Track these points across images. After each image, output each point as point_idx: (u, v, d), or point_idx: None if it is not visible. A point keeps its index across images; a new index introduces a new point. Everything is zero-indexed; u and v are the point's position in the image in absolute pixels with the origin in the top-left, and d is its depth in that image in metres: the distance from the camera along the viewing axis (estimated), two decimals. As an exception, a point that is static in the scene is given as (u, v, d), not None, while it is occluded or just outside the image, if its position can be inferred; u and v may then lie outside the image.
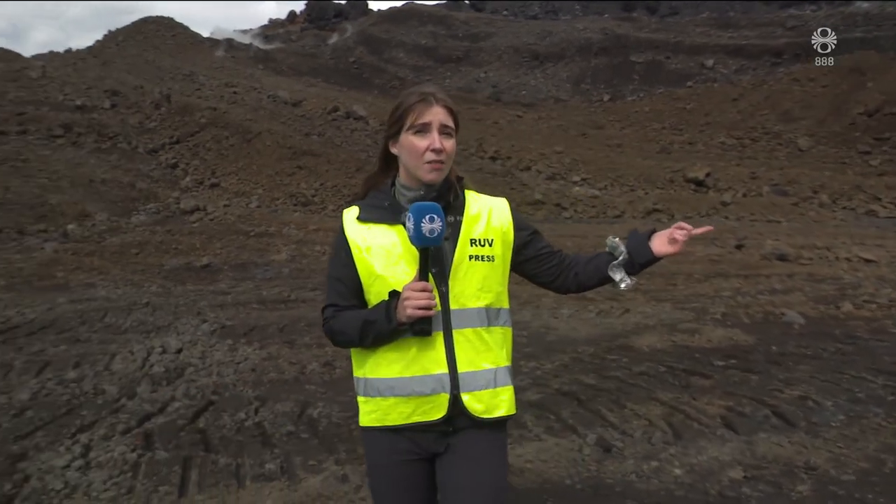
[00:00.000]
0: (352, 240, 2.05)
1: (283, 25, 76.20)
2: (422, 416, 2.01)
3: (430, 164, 1.99)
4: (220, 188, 24.68)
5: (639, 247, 2.20)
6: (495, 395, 2.04)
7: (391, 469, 2.09)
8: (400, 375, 2.01)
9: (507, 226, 2.13)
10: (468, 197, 2.14)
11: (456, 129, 2.09)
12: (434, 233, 1.85)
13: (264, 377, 6.38)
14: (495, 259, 2.07)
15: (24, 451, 4.70)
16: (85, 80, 36.98)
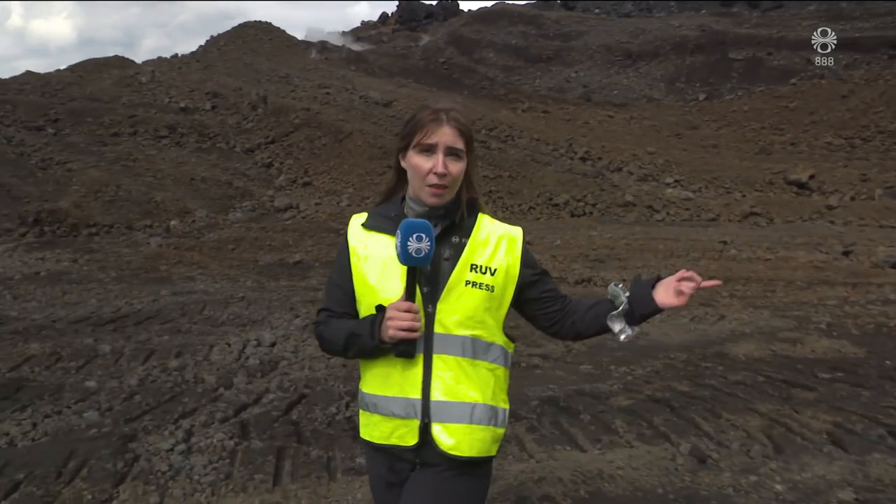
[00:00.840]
0: (352, 246, 2.01)
1: (375, 27, 77.66)
2: (398, 439, 1.94)
3: (432, 187, 1.90)
4: (312, 187, 25.37)
5: (641, 297, 1.98)
6: (470, 431, 1.91)
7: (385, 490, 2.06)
8: (381, 393, 1.95)
9: (515, 259, 1.99)
10: (480, 220, 2.02)
11: (468, 150, 1.97)
12: (420, 252, 1.78)
13: (354, 373, 6.48)
14: (494, 290, 1.94)
15: (133, 433, 4.96)
16: (188, 83, 38.83)
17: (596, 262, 14.38)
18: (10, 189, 20.84)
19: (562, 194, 25.12)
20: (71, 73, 42.03)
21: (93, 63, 44.21)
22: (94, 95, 35.01)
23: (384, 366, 1.94)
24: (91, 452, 4.66)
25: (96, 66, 43.26)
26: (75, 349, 7.46)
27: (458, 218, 1.97)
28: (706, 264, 13.64)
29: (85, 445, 4.79)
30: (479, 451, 1.93)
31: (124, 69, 41.94)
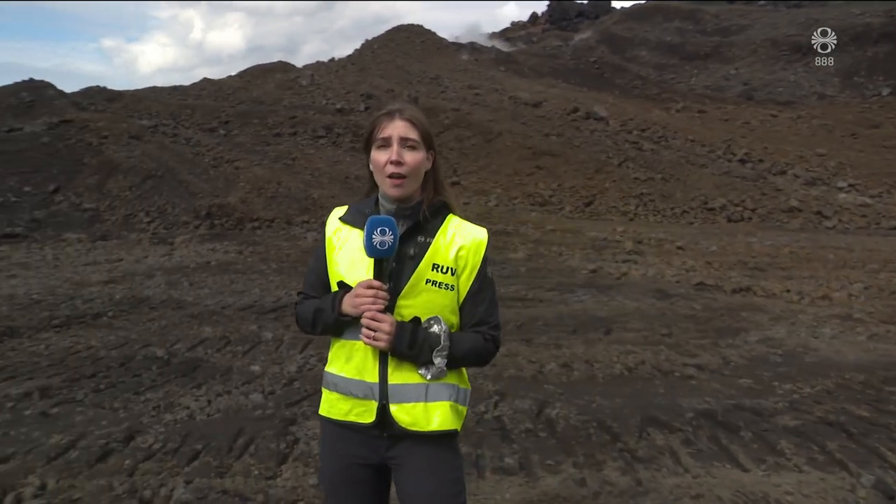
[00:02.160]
0: (329, 237, 2.18)
1: (525, 27, 77.49)
2: (356, 417, 2.08)
3: (391, 178, 2.02)
4: (460, 186, 25.72)
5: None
6: (426, 409, 2.03)
7: (340, 468, 2.16)
8: (341, 374, 2.10)
9: (477, 262, 2.09)
10: (448, 222, 2.11)
11: (425, 143, 2.08)
12: (384, 245, 1.93)
13: (503, 373, 6.50)
14: (454, 289, 2.06)
15: (294, 417, 5.25)
16: (344, 85, 40.65)
17: (755, 270, 13.51)
18: (188, 185, 22.78)
19: (718, 198, 23.83)
20: (240, 79, 45.34)
21: (259, 68, 47.40)
22: (259, 98, 37.56)
23: (347, 349, 2.09)
24: (257, 431, 4.99)
25: (262, 71, 46.35)
26: (242, 335, 8.02)
27: (421, 217, 2.06)
28: (887, 277, 12.41)
29: (252, 425, 5.14)
30: (440, 425, 2.04)
31: (286, 73, 44.62)
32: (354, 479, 2.16)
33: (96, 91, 35.89)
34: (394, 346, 1.98)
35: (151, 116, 31.08)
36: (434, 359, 2.00)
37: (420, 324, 2.03)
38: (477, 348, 2.08)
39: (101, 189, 22.19)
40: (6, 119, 28.40)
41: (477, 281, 2.09)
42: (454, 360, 2.04)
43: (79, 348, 7.40)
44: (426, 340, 2.00)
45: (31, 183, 22.49)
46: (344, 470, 2.16)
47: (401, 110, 2.09)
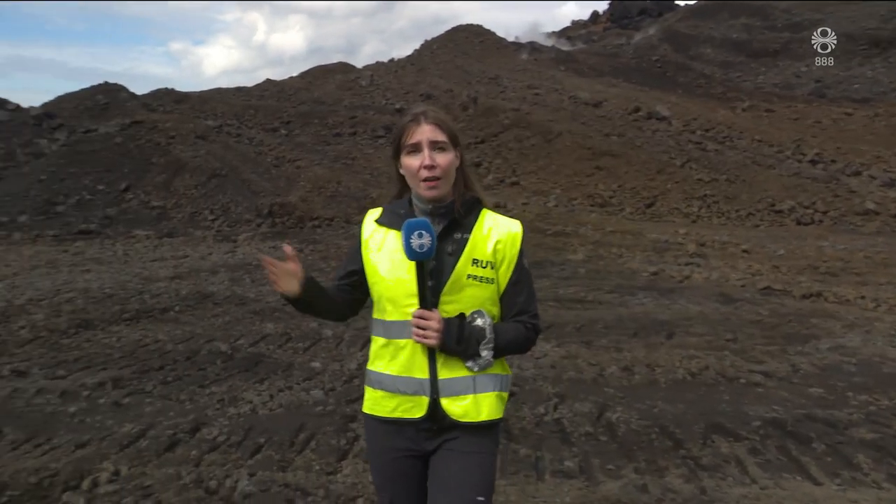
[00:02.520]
0: (364, 240, 2.22)
1: (585, 26, 76.63)
2: (403, 413, 2.13)
3: (426, 181, 2.06)
4: (519, 186, 25.60)
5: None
6: (476, 401, 2.09)
7: (388, 462, 2.22)
8: (387, 372, 2.15)
9: (514, 254, 2.14)
10: (483, 217, 2.15)
11: (453, 142, 2.12)
12: (423, 248, 1.96)
13: (563, 375, 6.42)
14: (493, 282, 2.10)
15: (354, 414, 5.30)
16: (403, 85, 40.96)
17: (827, 275, 13.00)
18: (250, 184, 23.32)
19: (786, 200, 23.03)
20: (301, 79, 46.18)
21: (319, 69, 48.21)
22: (320, 99, 38.17)
23: (392, 347, 2.14)
24: (318, 427, 5.05)
25: (322, 72, 47.13)
26: (303, 331, 8.15)
27: (457, 215, 2.11)
28: (970, 284, 11.79)
29: (313, 420, 5.21)
30: (488, 415, 2.11)
31: (346, 74, 45.24)
32: (402, 472, 2.21)
33: (165, 93, 37.09)
34: (442, 343, 2.02)
35: (216, 117, 31.92)
36: (481, 351, 2.04)
37: (465, 318, 2.06)
38: (519, 337, 2.13)
39: (168, 187, 22.92)
40: (83, 121, 29.63)
41: (515, 272, 2.14)
42: (499, 351, 2.09)
43: (147, 341, 7.64)
44: (472, 334, 2.04)
45: (104, 181, 23.40)
46: (392, 463, 2.21)
47: (425, 113, 2.13)
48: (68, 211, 21.40)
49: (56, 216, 20.88)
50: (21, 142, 27.36)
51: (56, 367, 6.63)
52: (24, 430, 4.95)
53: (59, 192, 22.50)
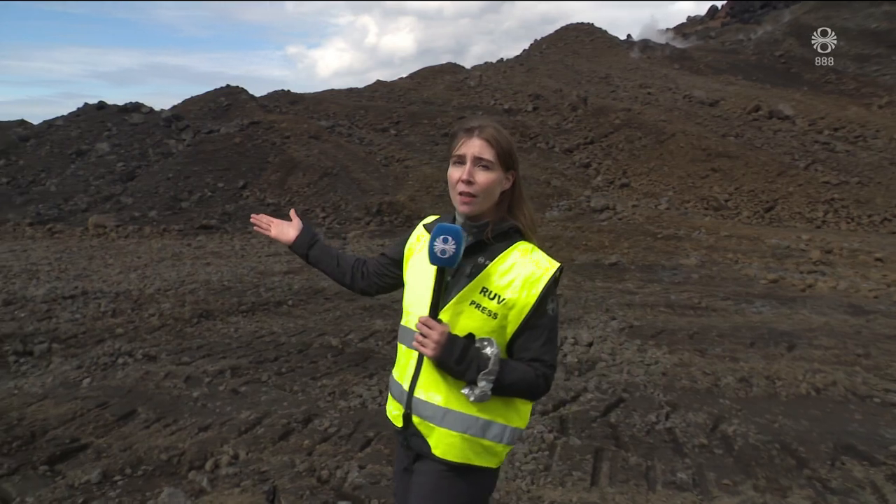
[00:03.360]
0: (410, 243, 2.22)
1: (703, 22, 73.73)
2: (393, 417, 2.13)
3: (461, 195, 1.99)
4: (629, 188, 24.97)
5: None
6: (437, 434, 1.99)
7: (396, 473, 2.22)
8: (392, 375, 2.17)
9: (531, 297, 1.94)
10: (513, 249, 2.01)
11: (503, 164, 2.01)
12: (445, 254, 1.89)
13: (675, 383, 6.18)
14: (497, 318, 1.94)
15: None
16: (512, 85, 40.78)
17: (973, 287, 11.90)
18: (360, 183, 23.94)
19: (926, 205, 21.32)
20: (410, 80, 46.92)
21: (428, 70, 48.81)
22: (428, 99, 38.64)
23: (399, 353, 2.13)
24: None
25: (431, 73, 47.68)
26: (412, 328, 8.24)
27: (486, 238, 1.99)
28: None
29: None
30: (443, 454, 1.98)
31: (455, 74, 45.56)
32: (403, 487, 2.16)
33: (281, 94, 38.71)
34: (440, 357, 1.90)
35: (329, 117, 32.98)
36: (479, 381, 1.88)
37: (473, 341, 1.93)
38: (527, 381, 1.94)
39: (282, 185, 23.88)
40: (206, 122, 31.38)
41: (531, 316, 1.95)
42: (500, 388, 1.91)
43: (263, 333, 7.98)
44: (476, 359, 1.89)
45: (224, 179, 24.68)
46: (398, 475, 2.21)
47: (481, 128, 2.03)
48: (191, 207, 22.72)
49: (181, 212, 22.21)
50: (153, 142, 29.31)
51: (181, 353, 7.03)
52: (155, 410, 5.27)
53: (184, 190, 23.93)
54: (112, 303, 9.42)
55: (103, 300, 9.60)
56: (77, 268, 12.92)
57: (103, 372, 6.35)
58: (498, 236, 2.02)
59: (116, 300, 9.62)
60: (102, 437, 4.75)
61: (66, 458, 4.41)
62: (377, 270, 2.34)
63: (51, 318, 8.47)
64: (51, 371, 6.45)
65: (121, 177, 26.41)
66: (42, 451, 4.48)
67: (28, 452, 4.46)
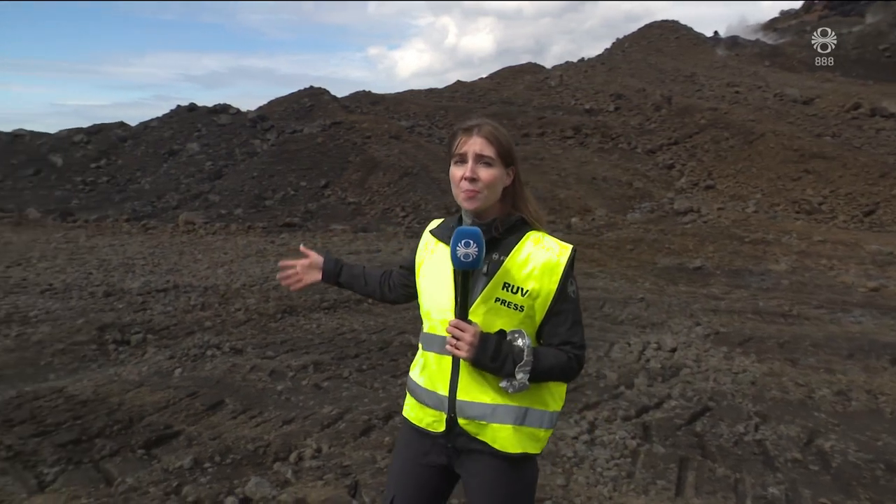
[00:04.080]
0: (419, 249, 2.27)
1: (797, 16, 70.68)
2: (428, 426, 2.14)
3: (465, 192, 2.03)
4: (715, 190, 24.17)
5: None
6: (491, 429, 2.03)
7: (407, 462, 2.21)
8: (417, 381, 2.17)
9: (552, 285, 1.99)
10: (525, 240, 2.05)
11: (503, 161, 2.06)
12: (469, 258, 1.91)
13: (765, 393, 5.93)
14: (524, 309, 1.99)
15: (540, 416, 5.24)
16: (593, 85, 40.19)
17: None
18: (440, 182, 24.10)
19: None
20: (490, 81, 46.90)
21: (508, 70, 48.68)
22: (508, 99, 38.54)
23: (424, 359, 2.14)
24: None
25: (511, 73, 47.53)
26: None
27: (496, 233, 2.04)
28: None
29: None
30: (502, 447, 2.03)
31: (535, 74, 45.27)
32: (421, 478, 2.20)
33: (362, 95, 39.41)
34: (476, 357, 1.94)
35: (409, 117, 33.35)
36: (516, 373, 1.93)
37: (504, 336, 1.98)
38: (560, 364, 2.00)
39: (363, 185, 24.28)
40: (290, 122, 32.27)
41: (555, 302, 2.00)
42: (536, 375, 1.97)
43: (344, 330, 8.12)
44: (510, 354, 1.95)
45: (306, 178, 25.32)
46: (415, 467, 2.20)
47: (479, 126, 2.07)
48: (275, 205, 23.42)
49: (265, 210, 22.93)
50: (239, 142, 30.37)
51: (265, 347, 7.23)
52: (241, 402, 5.44)
53: (268, 188, 24.68)
54: (201, 297, 9.79)
55: (193, 294, 9.99)
56: (169, 262, 13.51)
57: (193, 363, 6.60)
58: (507, 230, 2.07)
59: (205, 294, 9.99)
60: (193, 426, 4.94)
61: (160, 444, 4.61)
62: (400, 282, 2.46)
63: (145, 310, 8.88)
64: (146, 360, 6.75)
65: (209, 175, 27.51)
66: (139, 435, 4.69)
67: (127, 436, 4.68)
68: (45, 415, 5.04)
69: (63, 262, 13.32)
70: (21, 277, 11.30)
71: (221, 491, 3.93)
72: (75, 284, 10.66)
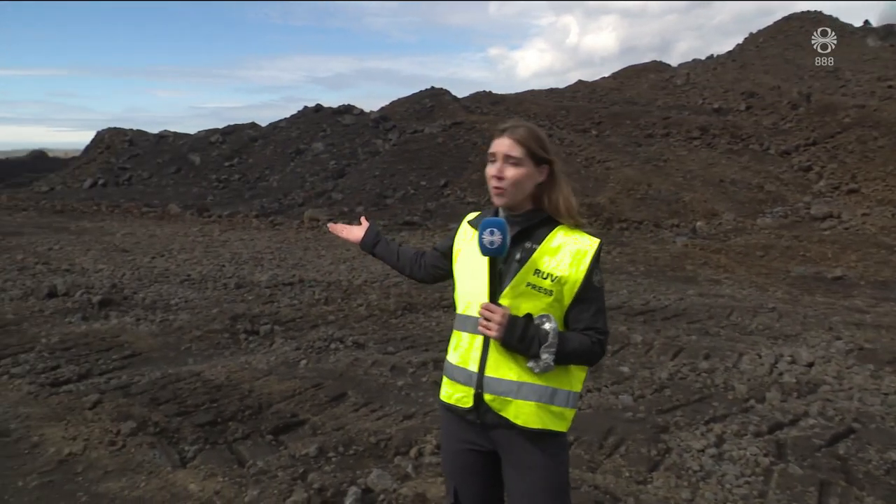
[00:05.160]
0: (457, 237, 2.45)
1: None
2: (457, 401, 2.27)
3: (494, 188, 2.23)
4: (859, 194, 22.43)
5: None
6: (515, 405, 2.17)
7: (454, 452, 2.35)
8: (450, 360, 2.33)
9: (580, 272, 2.18)
10: (556, 231, 2.23)
11: (532, 159, 2.21)
12: (493, 245, 2.09)
13: (923, 419, 5.41)
14: (552, 294, 2.16)
15: (666, 425, 5.04)
16: (723, 83, 38.38)
17: None
18: (559, 184, 23.73)
19: None
20: (613, 80, 45.83)
21: (632, 69, 47.35)
22: (632, 99, 37.52)
23: (458, 339, 2.31)
24: (627, 433, 4.89)
25: (635, 72, 46.22)
26: (611, 335, 7.98)
27: (531, 225, 2.23)
28: None
29: (622, 426, 5.06)
30: (525, 422, 2.17)
31: (660, 73, 43.80)
32: (465, 464, 2.33)
33: (483, 95, 39.56)
34: (504, 337, 2.10)
35: (530, 118, 33.11)
36: (542, 354, 2.09)
37: (531, 319, 2.13)
38: (584, 348, 2.16)
39: (482, 185, 24.22)
40: (411, 122, 32.88)
41: (582, 289, 2.18)
42: (561, 357, 2.13)
43: (463, 328, 8.13)
44: (536, 336, 2.10)
45: (426, 178, 25.70)
46: (459, 454, 2.33)
47: (509, 129, 2.25)
48: (395, 204, 23.92)
49: (385, 208, 23.47)
50: (361, 142, 31.28)
51: (386, 343, 7.38)
52: (363, 395, 5.57)
53: (389, 187, 25.25)
54: (324, 291, 10.14)
55: (317, 288, 10.36)
56: (294, 257, 14.10)
57: (318, 355, 6.83)
58: (540, 222, 2.25)
59: (328, 289, 10.34)
60: (317, 416, 5.10)
61: (287, 431, 4.80)
62: (432, 262, 2.63)
63: (273, 303, 9.30)
64: (273, 350, 7.06)
65: (332, 174, 28.52)
66: (268, 421, 4.90)
67: (257, 421, 4.91)
68: (185, 396, 5.37)
69: (199, 254, 14.21)
70: (164, 267, 12.15)
71: (344, 480, 4.03)
72: (210, 276, 11.33)
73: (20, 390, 5.54)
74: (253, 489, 3.90)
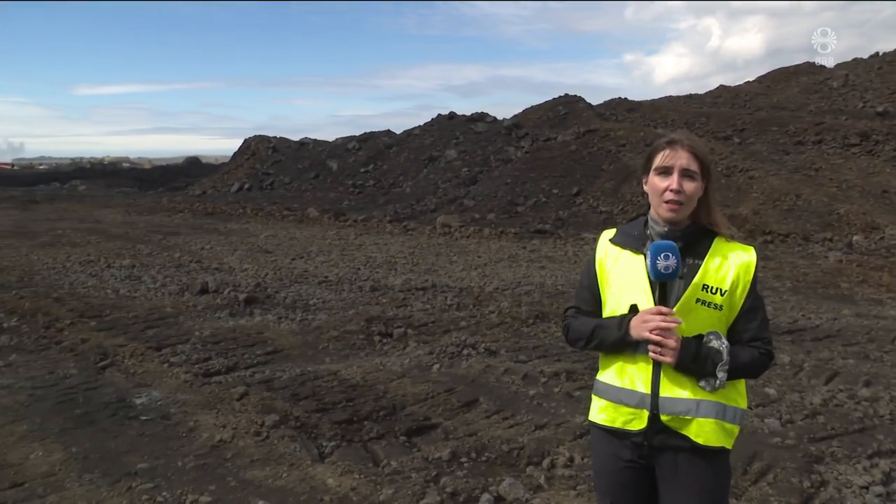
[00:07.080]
0: (599, 258, 2.33)
1: None
2: (624, 424, 2.20)
3: (668, 203, 2.14)
4: None
5: None
6: (696, 423, 2.11)
7: (610, 471, 2.27)
8: (612, 383, 2.23)
9: (746, 284, 2.15)
10: (716, 244, 2.19)
11: (703, 174, 2.17)
12: (668, 269, 2.05)
13: None
14: (722, 308, 2.13)
15: (820, 455, 4.66)
16: (889, 84, 35.28)
17: None
18: (698, 193, 22.70)
19: None
20: (758, 84, 43.34)
21: (780, 72, 44.54)
22: (779, 104, 35.33)
23: (621, 361, 2.21)
24: (775, 461, 4.57)
25: (783, 75, 43.47)
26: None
27: (694, 241, 2.17)
28: None
29: (769, 451, 4.73)
30: (706, 441, 2.11)
31: (813, 75, 40.93)
32: (623, 482, 2.26)
33: (618, 102, 38.67)
34: (679, 361, 2.07)
35: (667, 125, 32.00)
36: (717, 373, 2.07)
37: (702, 339, 2.10)
38: (753, 362, 2.14)
39: (615, 194, 23.78)
40: (544, 129, 32.69)
41: (748, 299, 2.15)
42: (733, 373, 2.11)
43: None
44: (708, 355, 2.08)
45: (558, 186, 25.41)
46: (614, 473, 2.27)
47: (682, 141, 2.19)
48: (526, 211, 23.81)
49: (517, 216, 23.41)
50: (494, 149, 31.43)
51: (518, 351, 7.33)
52: (495, 402, 5.56)
53: (521, 195, 25.18)
54: (456, 297, 10.23)
55: (449, 294, 10.48)
56: (426, 262, 14.35)
57: (450, 360, 6.89)
58: (699, 237, 2.20)
59: (460, 295, 10.42)
60: (450, 420, 5.14)
61: (420, 433, 4.86)
62: (592, 310, 2.39)
63: (406, 306, 9.49)
64: (407, 353, 7.19)
65: (465, 181, 28.82)
66: (401, 423, 4.99)
67: (391, 422, 5.01)
68: (323, 394, 5.58)
69: (336, 257, 14.79)
70: (303, 269, 12.74)
71: (477, 487, 4.02)
72: (346, 278, 11.75)
73: (178, 378, 5.97)
74: (388, 488, 3.97)
